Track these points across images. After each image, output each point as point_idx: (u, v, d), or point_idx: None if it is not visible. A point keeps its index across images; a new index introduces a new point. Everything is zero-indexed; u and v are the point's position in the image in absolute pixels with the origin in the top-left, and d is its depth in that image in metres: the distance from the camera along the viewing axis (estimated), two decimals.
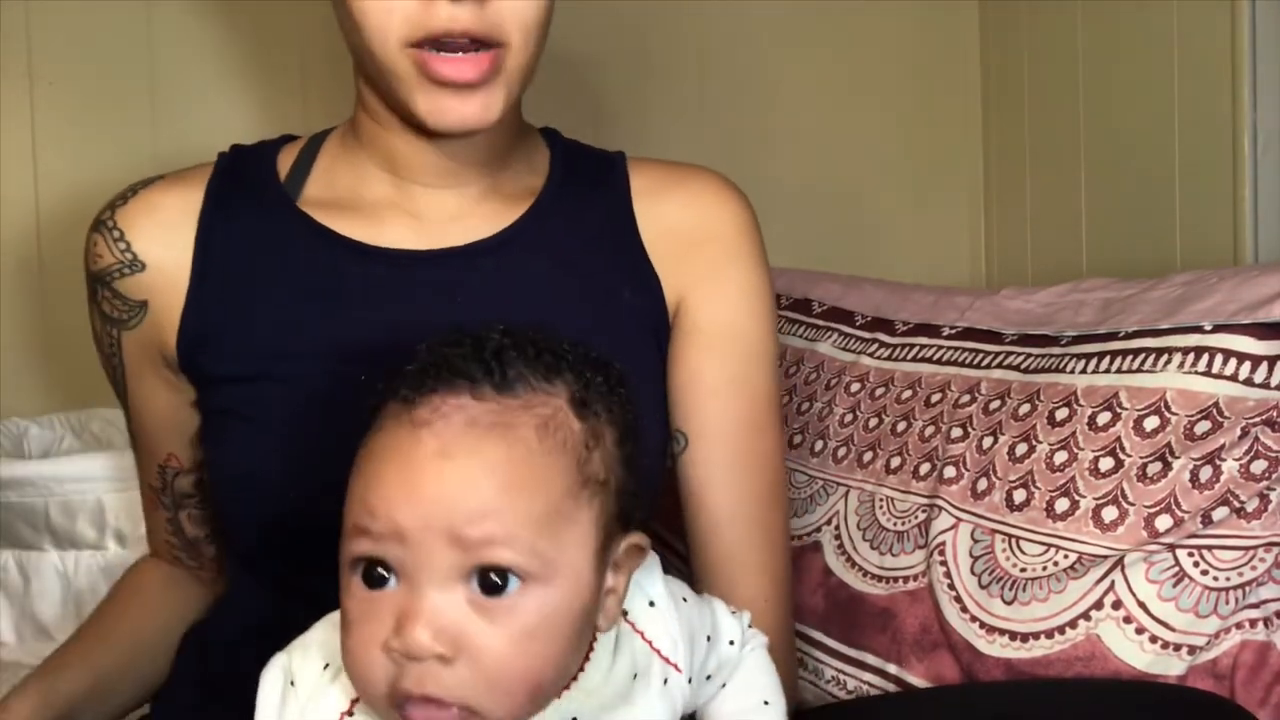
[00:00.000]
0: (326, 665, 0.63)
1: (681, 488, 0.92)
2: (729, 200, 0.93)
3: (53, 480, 1.22)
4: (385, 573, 0.57)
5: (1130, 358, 0.93)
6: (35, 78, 1.37)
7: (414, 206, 0.87)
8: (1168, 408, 0.88)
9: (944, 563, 0.96)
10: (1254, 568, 0.81)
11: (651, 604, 0.67)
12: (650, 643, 0.66)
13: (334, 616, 0.62)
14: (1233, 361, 0.86)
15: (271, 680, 0.63)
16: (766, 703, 0.73)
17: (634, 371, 0.88)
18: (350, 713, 0.61)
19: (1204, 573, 0.82)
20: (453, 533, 0.55)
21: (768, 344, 0.92)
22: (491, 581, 0.56)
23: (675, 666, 0.66)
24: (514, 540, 0.56)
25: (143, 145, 1.39)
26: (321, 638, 0.64)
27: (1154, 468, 0.86)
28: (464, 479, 0.56)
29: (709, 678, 0.72)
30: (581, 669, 0.62)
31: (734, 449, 0.90)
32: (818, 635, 1.04)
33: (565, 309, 0.87)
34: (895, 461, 1.07)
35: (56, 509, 1.22)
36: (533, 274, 0.87)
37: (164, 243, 0.86)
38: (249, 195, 0.88)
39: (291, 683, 0.63)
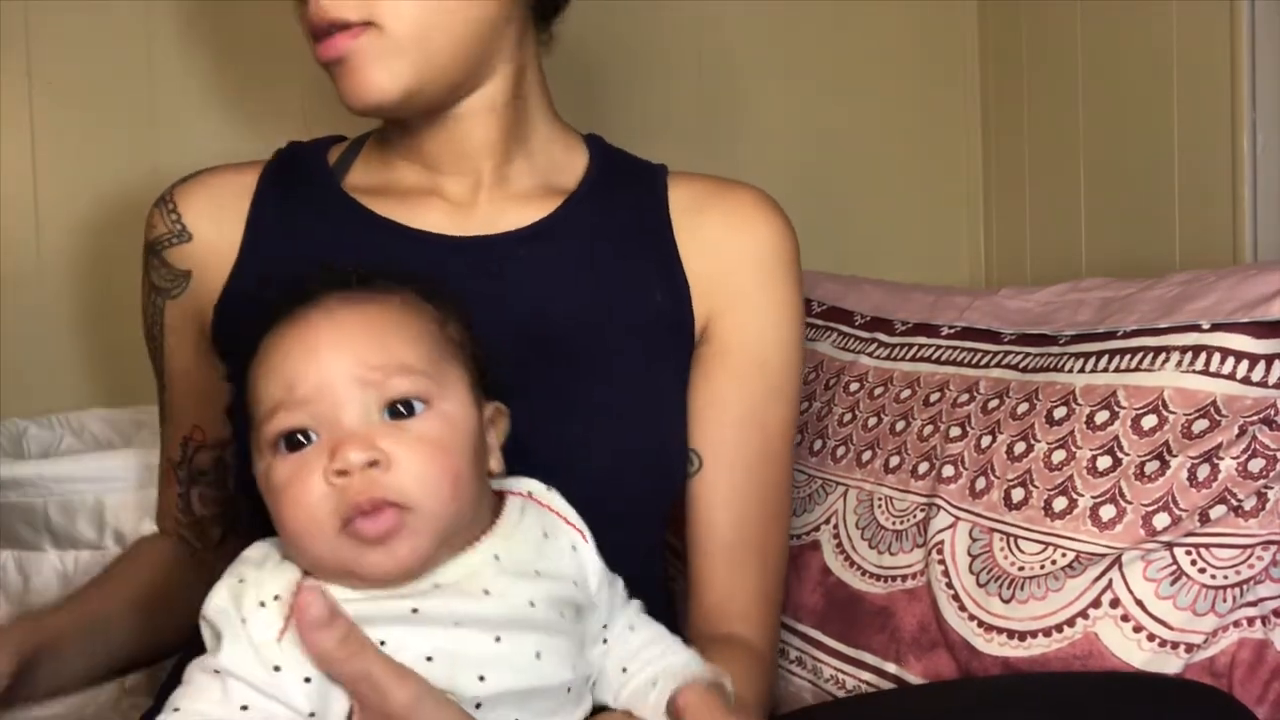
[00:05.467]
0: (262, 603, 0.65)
1: (688, 502, 0.93)
2: (768, 220, 0.94)
3: (52, 480, 1.21)
4: (304, 438, 0.66)
5: (1128, 357, 0.93)
6: (35, 78, 1.37)
7: (442, 194, 0.91)
8: (1166, 406, 0.88)
9: (942, 561, 0.95)
10: (1251, 566, 0.81)
11: (548, 488, 0.76)
12: (552, 509, 0.74)
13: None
14: (1230, 360, 0.86)
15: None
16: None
17: (658, 369, 0.91)
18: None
19: (1201, 571, 0.82)
20: (360, 377, 0.66)
21: (791, 376, 0.94)
22: (398, 410, 0.66)
23: (581, 533, 0.74)
24: (409, 370, 0.67)
25: (143, 145, 1.39)
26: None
27: (1152, 466, 0.86)
28: (353, 329, 0.67)
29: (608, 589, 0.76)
30: (496, 520, 0.71)
31: (744, 477, 0.92)
32: (816, 634, 1.04)
33: (594, 301, 0.89)
34: (894, 460, 1.07)
35: (56, 509, 1.22)
36: (564, 266, 0.90)
37: (214, 218, 0.92)
38: (300, 178, 0.94)
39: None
